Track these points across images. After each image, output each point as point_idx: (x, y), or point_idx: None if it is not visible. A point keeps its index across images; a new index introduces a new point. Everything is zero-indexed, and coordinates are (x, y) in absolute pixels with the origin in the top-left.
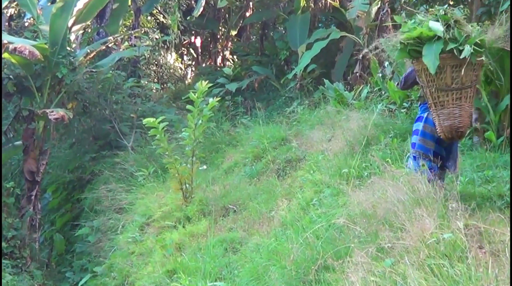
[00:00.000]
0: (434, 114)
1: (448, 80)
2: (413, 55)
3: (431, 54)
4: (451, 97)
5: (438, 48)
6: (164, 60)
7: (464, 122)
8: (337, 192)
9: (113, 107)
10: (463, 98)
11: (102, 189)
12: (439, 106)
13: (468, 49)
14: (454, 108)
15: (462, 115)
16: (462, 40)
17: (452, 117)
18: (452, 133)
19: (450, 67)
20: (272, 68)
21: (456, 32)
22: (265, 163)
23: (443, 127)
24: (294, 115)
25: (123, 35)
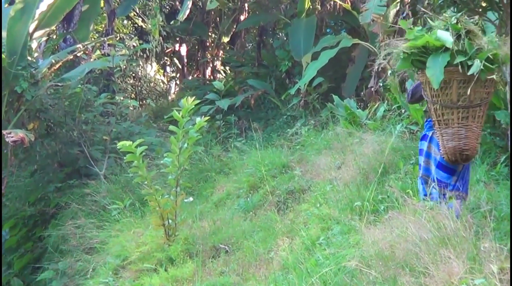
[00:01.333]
0: (438, 133)
1: (454, 97)
2: (417, 65)
3: (435, 67)
4: (457, 115)
5: (444, 60)
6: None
7: (470, 144)
8: (348, 230)
9: (82, 127)
10: (471, 117)
11: (69, 225)
12: (443, 124)
13: (478, 65)
14: (459, 128)
15: (469, 137)
16: (473, 54)
17: (456, 138)
18: (456, 155)
19: (457, 82)
20: (271, 82)
21: (467, 44)
22: (262, 194)
23: (447, 148)
24: (297, 137)
25: (95, 42)
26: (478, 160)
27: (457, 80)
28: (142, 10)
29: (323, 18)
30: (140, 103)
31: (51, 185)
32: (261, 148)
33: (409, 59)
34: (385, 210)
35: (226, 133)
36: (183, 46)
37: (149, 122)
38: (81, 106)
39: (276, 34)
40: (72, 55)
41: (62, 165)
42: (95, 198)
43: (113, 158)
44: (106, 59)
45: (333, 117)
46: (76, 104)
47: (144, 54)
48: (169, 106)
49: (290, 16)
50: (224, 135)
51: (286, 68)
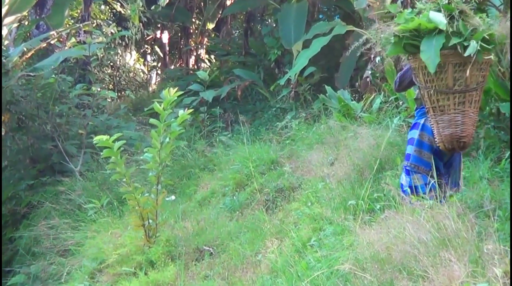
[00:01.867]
0: (433, 121)
1: (449, 81)
2: (409, 50)
3: (430, 50)
4: (453, 101)
5: (439, 43)
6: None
7: (467, 131)
8: (341, 230)
9: (56, 121)
10: (467, 103)
11: (42, 226)
12: (439, 111)
13: (474, 46)
14: (456, 114)
15: (466, 123)
16: (468, 35)
17: (453, 125)
18: (453, 143)
19: (453, 65)
20: (260, 72)
21: (461, 25)
22: (250, 192)
23: (443, 136)
24: (287, 131)
25: (70, 29)
26: (481, 156)
27: (452, 64)
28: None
29: (315, 3)
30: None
31: (23, 183)
32: (249, 143)
33: (400, 43)
34: (381, 209)
35: (211, 126)
36: (164, 33)
37: (128, 115)
38: (54, 98)
39: (265, 20)
40: (45, 43)
41: (35, 161)
42: (70, 196)
43: (89, 153)
44: (82, 47)
45: (325, 110)
46: (49, 96)
47: (123, 42)
48: (150, 98)
49: (280, 1)
50: (209, 129)
51: (275, 57)
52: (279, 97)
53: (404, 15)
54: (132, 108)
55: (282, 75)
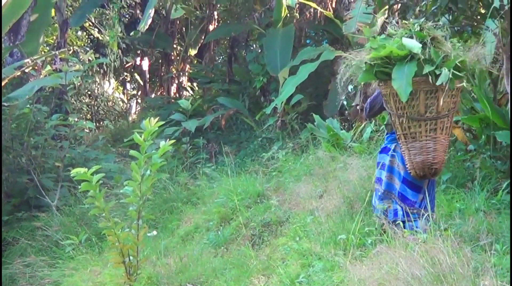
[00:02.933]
0: (404, 147)
1: (421, 108)
2: (381, 77)
3: (402, 79)
4: (425, 128)
5: (410, 71)
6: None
7: (438, 157)
8: (331, 266)
9: (31, 153)
10: (439, 129)
11: (17, 263)
12: (410, 138)
13: (446, 74)
14: (427, 141)
15: (437, 150)
16: (439, 62)
17: (425, 152)
18: (425, 170)
19: (424, 92)
20: (245, 100)
21: (433, 51)
22: (235, 227)
23: (414, 163)
24: (274, 162)
25: (45, 56)
26: (477, 187)
27: (424, 91)
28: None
29: (302, 28)
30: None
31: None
32: (233, 175)
33: (372, 70)
34: (372, 244)
35: (194, 158)
36: (144, 60)
37: (107, 146)
38: (30, 129)
39: (250, 46)
40: (19, 71)
41: (9, 195)
42: (46, 232)
43: (66, 187)
44: (58, 76)
45: (314, 139)
46: (24, 127)
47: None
48: (130, 128)
49: (265, 26)
50: (192, 161)
51: (260, 84)
52: (265, 127)
53: (377, 41)
54: (111, 139)
55: (268, 103)
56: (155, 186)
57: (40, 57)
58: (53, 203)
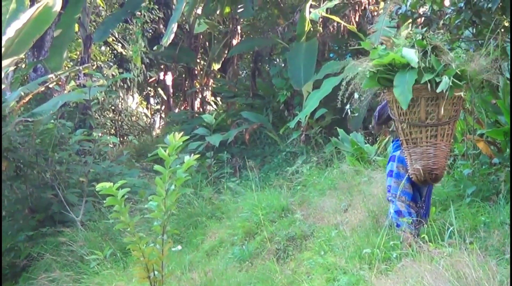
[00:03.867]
0: (406, 153)
1: (422, 115)
2: (384, 83)
3: (403, 86)
4: (425, 134)
5: (411, 78)
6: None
7: (439, 163)
8: (356, 280)
9: (56, 168)
10: (439, 136)
11: (43, 279)
12: (411, 143)
13: (446, 82)
14: (428, 147)
15: (438, 155)
16: (440, 70)
17: (425, 157)
18: (425, 175)
19: (425, 99)
20: (268, 114)
21: (434, 60)
22: (260, 241)
23: (415, 168)
24: (298, 176)
25: (69, 71)
26: (502, 200)
27: (425, 98)
28: (121, 35)
29: (326, 42)
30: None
31: (22, 234)
32: (258, 189)
33: (375, 77)
34: (397, 257)
35: (218, 172)
36: (168, 75)
37: (131, 161)
38: (54, 144)
39: (273, 60)
40: (43, 87)
41: (34, 211)
42: (71, 247)
43: (91, 202)
44: (82, 91)
45: (338, 153)
46: (48, 142)
47: (125, 85)
48: (154, 143)
49: (289, 40)
50: (216, 175)
51: (284, 98)
52: (289, 141)
53: (378, 51)
54: (135, 154)
55: (292, 117)
56: (179, 201)
57: (64, 73)
58: (78, 218)
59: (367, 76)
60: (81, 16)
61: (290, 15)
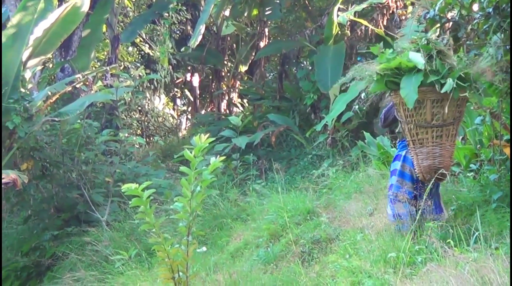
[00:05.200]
0: (413, 153)
1: (428, 116)
2: (391, 87)
3: (409, 87)
4: (431, 134)
5: (417, 80)
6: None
7: (444, 162)
8: (381, 284)
9: (82, 168)
10: (444, 136)
11: (67, 278)
12: (418, 144)
13: (451, 83)
14: (434, 147)
15: (443, 155)
16: (445, 73)
17: (431, 157)
18: (431, 174)
19: (431, 101)
20: (295, 117)
21: (438, 63)
22: (285, 244)
23: (422, 167)
24: (324, 179)
25: (96, 72)
26: None
27: (430, 100)
28: (149, 36)
29: (353, 45)
30: (147, 141)
31: (47, 233)
32: (283, 192)
33: (382, 80)
34: (422, 262)
35: (244, 174)
36: (195, 76)
37: (157, 162)
38: (80, 144)
39: (300, 63)
40: (70, 87)
41: (59, 210)
42: (96, 247)
43: (116, 202)
44: (109, 91)
45: (364, 157)
46: (75, 142)
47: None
48: (180, 144)
49: (316, 43)
50: (242, 177)
51: (311, 101)
52: (316, 144)
53: (386, 55)
54: (161, 155)
55: (318, 120)
56: (205, 202)
57: (91, 73)
58: (103, 218)
59: (374, 79)
60: (109, 17)
61: (318, 18)
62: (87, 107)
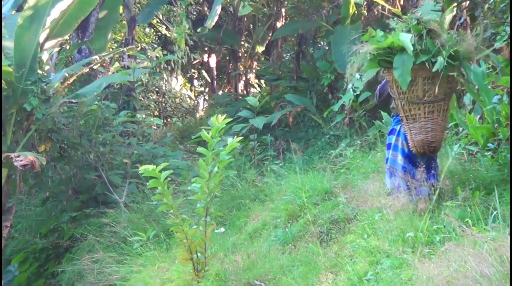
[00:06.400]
0: (406, 128)
1: (419, 93)
2: (384, 65)
3: (402, 68)
4: (423, 110)
5: (409, 61)
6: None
7: (437, 136)
8: (399, 264)
9: (99, 149)
10: (436, 112)
11: (86, 260)
12: (411, 119)
13: (441, 62)
14: (426, 122)
15: (435, 129)
16: (435, 51)
17: (424, 131)
18: (424, 148)
19: (422, 79)
20: (312, 97)
21: (429, 42)
22: (303, 224)
23: (415, 141)
24: (341, 159)
25: (113, 53)
26: None
27: (422, 77)
28: (166, 17)
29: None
30: (164, 122)
31: (65, 215)
32: (301, 172)
33: (375, 59)
34: (441, 241)
35: (262, 155)
36: (212, 57)
37: (174, 143)
38: (98, 126)
39: (317, 43)
40: (87, 68)
41: (77, 192)
42: (114, 229)
43: (134, 183)
44: (126, 72)
45: (381, 137)
46: (92, 123)
47: (169, 66)
48: (197, 125)
49: (333, 23)
50: (259, 158)
51: (328, 81)
52: (333, 124)
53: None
54: (178, 136)
55: (335, 100)
56: (222, 183)
57: (108, 54)
58: (121, 200)
59: (368, 58)
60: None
61: None
62: (104, 88)
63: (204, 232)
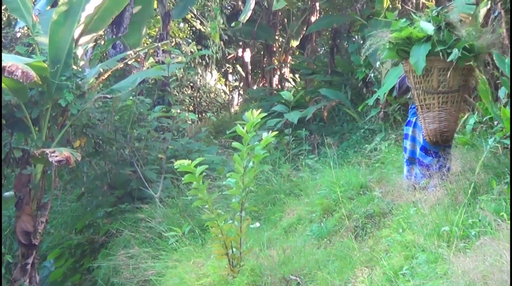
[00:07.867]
0: (420, 117)
1: (434, 83)
2: (402, 55)
3: (418, 55)
4: (437, 100)
5: (426, 49)
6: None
7: (449, 126)
8: (435, 258)
9: (134, 145)
10: (450, 102)
11: (121, 255)
12: (425, 109)
13: (456, 53)
14: (440, 112)
15: (448, 120)
16: (451, 43)
17: (437, 121)
18: (437, 137)
19: (437, 69)
20: (347, 91)
21: (446, 34)
22: (338, 219)
23: (428, 130)
24: (376, 154)
25: (147, 48)
26: None
27: (437, 68)
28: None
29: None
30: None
31: (101, 210)
32: (336, 166)
33: (394, 49)
34: (476, 235)
35: (296, 149)
36: (246, 52)
37: (209, 138)
38: (133, 121)
39: (352, 37)
40: (122, 63)
41: (113, 187)
42: (150, 224)
43: (169, 179)
44: (161, 67)
45: None
46: (127, 119)
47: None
48: (232, 120)
49: (367, 17)
50: (294, 152)
51: (363, 75)
52: (368, 118)
53: (399, 23)
54: (213, 131)
55: (370, 94)
56: (257, 178)
57: (143, 49)
58: (156, 195)
59: (386, 47)
60: None
61: None
62: (139, 83)
63: (239, 227)
